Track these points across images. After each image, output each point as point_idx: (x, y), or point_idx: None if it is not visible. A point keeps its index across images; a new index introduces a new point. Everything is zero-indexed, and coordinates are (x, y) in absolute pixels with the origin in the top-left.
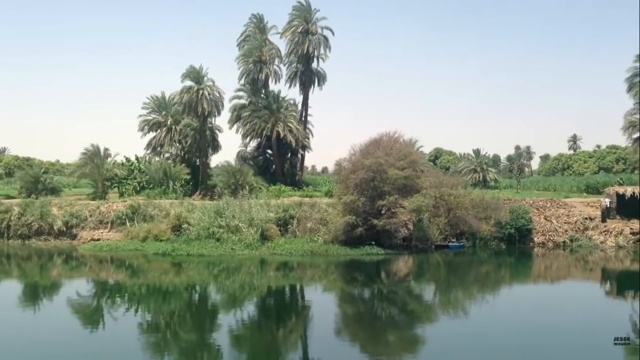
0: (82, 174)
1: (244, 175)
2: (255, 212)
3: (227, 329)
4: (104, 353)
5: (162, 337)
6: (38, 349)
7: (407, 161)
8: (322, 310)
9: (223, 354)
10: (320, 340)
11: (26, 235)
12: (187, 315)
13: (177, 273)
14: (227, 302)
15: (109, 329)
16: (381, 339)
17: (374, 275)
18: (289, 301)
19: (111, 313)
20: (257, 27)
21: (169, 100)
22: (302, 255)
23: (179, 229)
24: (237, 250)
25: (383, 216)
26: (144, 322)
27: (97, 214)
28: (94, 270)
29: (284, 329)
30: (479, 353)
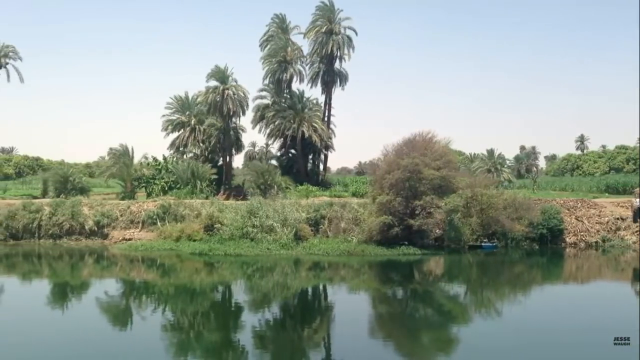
0: (111, 174)
1: (272, 175)
2: (288, 212)
3: (258, 328)
4: (129, 352)
5: (192, 336)
6: (65, 348)
7: (442, 161)
8: (358, 310)
9: (248, 352)
10: (354, 340)
11: (57, 235)
12: (219, 315)
13: (210, 273)
14: (259, 301)
15: (137, 328)
16: (415, 339)
17: (409, 275)
18: (327, 300)
19: (140, 312)
20: (280, 27)
21: (192, 100)
22: (339, 255)
23: (212, 229)
24: (273, 250)
25: (418, 216)
26: (174, 321)
27: (127, 214)
28: (125, 270)
29: (318, 328)
30: (512, 354)
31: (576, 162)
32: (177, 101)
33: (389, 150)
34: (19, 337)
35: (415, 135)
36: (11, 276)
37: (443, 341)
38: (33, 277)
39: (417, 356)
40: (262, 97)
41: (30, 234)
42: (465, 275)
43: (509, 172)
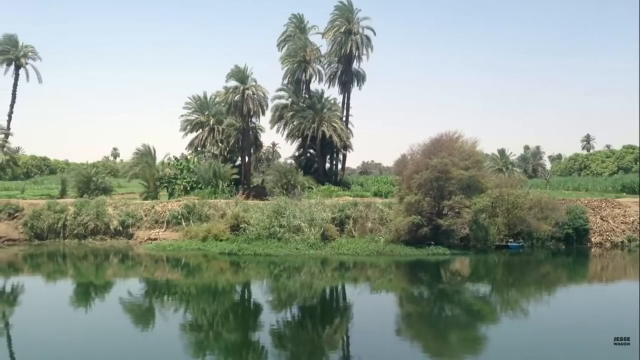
0: (134, 173)
1: (295, 175)
2: (315, 212)
3: (281, 327)
4: (151, 352)
5: (213, 336)
6: (88, 347)
7: (471, 161)
8: (386, 310)
9: (267, 352)
10: (380, 339)
11: (82, 235)
12: (243, 314)
13: (235, 273)
14: (285, 301)
15: (159, 328)
16: (444, 339)
17: (437, 275)
18: (354, 300)
19: (163, 312)
20: (298, 27)
21: (211, 100)
22: (369, 255)
23: (237, 229)
24: (302, 250)
25: (446, 216)
26: (197, 321)
27: (152, 214)
28: (149, 270)
29: (344, 328)
30: (540, 354)
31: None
32: (195, 101)
33: (414, 149)
34: (42, 337)
35: (441, 135)
36: (36, 276)
37: (471, 341)
38: (58, 277)
39: (445, 356)
40: (280, 97)
41: (55, 234)
42: (494, 275)
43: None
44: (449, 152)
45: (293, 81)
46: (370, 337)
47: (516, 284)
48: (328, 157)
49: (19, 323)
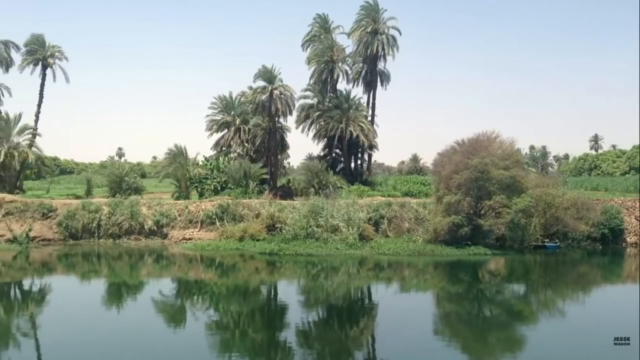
0: (167, 173)
1: (326, 175)
2: (352, 212)
3: (313, 327)
4: (182, 352)
5: (245, 336)
6: (119, 347)
7: (511, 161)
8: (427, 310)
9: (294, 352)
10: (417, 339)
11: (117, 235)
12: (277, 314)
13: (271, 272)
14: (320, 300)
15: (190, 327)
16: (481, 339)
17: (476, 275)
18: (393, 300)
19: (197, 312)
20: (322, 27)
21: (236, 101)
22: (410, 255)
23: (273, 229)
24: (341, 249)
25: (485, 216)
26: (230, 320)
27: (185, 214)
28: (183, 270)
29: (381, 327)
30: (579, 355)
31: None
32: (221, 101)
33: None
34: (75, 336)
35: (478, 135)
36: (71, 276)
37: (510, 341)
38: (92, 276)
39: (484, 356)
40: (305, 97)
41: (90, 234)
42: (535, 275)
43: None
44: (487, 152)
45: (320, 81)
46: (408, 337)
47: (557, 284)
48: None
49: (52, 322)
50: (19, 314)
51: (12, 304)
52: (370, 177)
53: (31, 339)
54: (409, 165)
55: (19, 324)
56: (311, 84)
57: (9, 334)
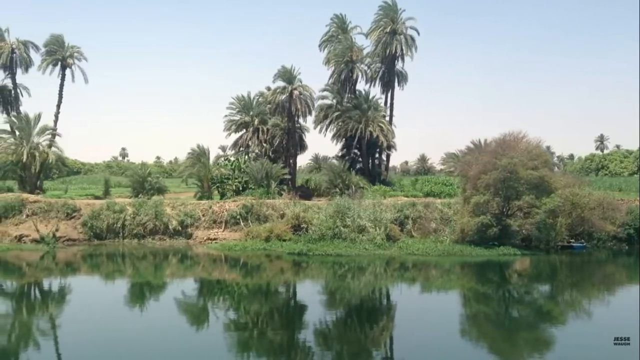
0: (191, 173)
1: (349, 176)
2: (381, 212)
3: (334, 328)
4: (203, 352)
5: (263, 335)
6: (140, 347)
7: (540, 161)
8: (455, 310)
9: (314, 352)
10: (445, 339)
11: (141, 235)
12: (301, 313)
13: (297, 273)
14: (347, 300)
15: (213, 327)
16: (509, 340)
17: (503, 275)
18: (421, 301)
19: (220, 312)
20: (340, 28)
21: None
22: (439, 255)
23: (299, 229)
24: (370, 250)
25: (512, 216)
26: (254, 320)
27: (209, 214)
28: (207, 270)
29: (408, 327)
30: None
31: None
32: (239, 101)
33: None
34: (98, 335)
35: (505, 135)
36: (96, 276)
37: (538, 342)
38: (117, 276)
39: (509, 357)
40: (323, 97)
41: (114, 234)
42: (562, 275)
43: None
44: (515, 152)
45: (339, 81)
46: (434, 337)
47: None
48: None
49: (76, 321)
50: (47, 313)
51: (41, 304)
52: (387, 177)
53: (60, 337)
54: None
55: (45, 323)
56: (329, 84)
57: (36, 332)
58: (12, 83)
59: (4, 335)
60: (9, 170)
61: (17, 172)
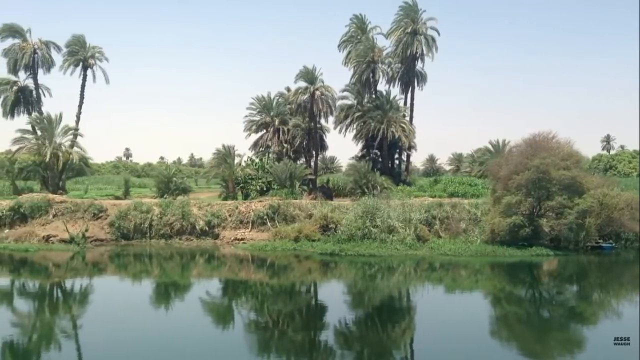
0: (217, 174)
1: (374, 176)
2: (413, 213)
3: (357, 328)
4: (225, 352)
5: (284, 335)
6: (165, 347)
7: (572, 161)
8: (485, 311)
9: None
10: (475, 340)
11: (168, 235)
12: (326, 313)
13: (324, 273)
14: (375, 301)
15: (236, 326)
16: (540, 340)
17: (534, 275)
18: (449, 301)
19: (245, 312)
20: (360, 28)
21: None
22: (471, 255)
23: (327, 229)
24: (401, 250)
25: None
26: (281, 319)
27: (236, 214)
28: (234, 270)
29: (436, 327)
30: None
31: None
32: (259, 102)
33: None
34: (123, 333)
35: (535, 135)
36: (123, 276)
37: (569, 342)
38: (144, 276)
39: (540, 357)
40: (343, 97)
41: (142, 234)
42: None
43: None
44: (547, 152)
45: (361, 82)
46: (467, 337)
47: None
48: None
49: (102, 321)
50: (81, 312)
51: (77, 303)
52: (408, 177)
53: (92, 336)
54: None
55: (74, 322)
56: (350, 84)
57: (64, 331)
58: (33, 83)
59: (40, 333)
60: (32, 171)
61: (39, 172)
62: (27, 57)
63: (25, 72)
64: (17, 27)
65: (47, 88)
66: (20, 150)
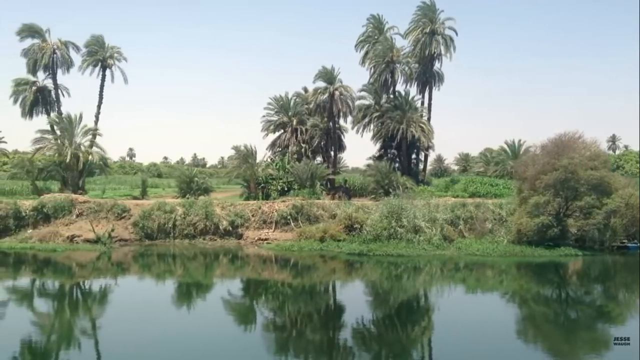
0: (238, 174)
1: (395, 176)
2: (438, 213)
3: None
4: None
5: (302, 335)
6: (184, 347)
7: (599, 161)
8: (511, 312)
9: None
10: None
11: (192, 235)
12: (345, 314)
13: (349, 273)
14: (400, 301)
15: (259, 326)
16: (568, 341)
17: (560, 275)
18: (477, 302)
19: (267, 312)
20: (377, 28)
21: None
22: (500, 255)
23: (352, 229)
24: (429, 250)
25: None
26: (300, 320)
27: (259, 214)
28: (257, 270)
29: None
30: None
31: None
32: (277, 102)
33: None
34: (144, 333)
35: (560, 135)
36: (146, 275)
37: (596, 342)
38: (167, 276)
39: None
40: (361, 97)
41: (165, 234)
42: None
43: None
44: (574, 152)
45: (379, 82)
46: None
47: None
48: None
49: (124, 321)
50: (102, 312)
51: (98, 303)
52: (426, 177)
53: (111, 335)
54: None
55: (94, 322)
56: (368, 84)
57: (86, 330)
58: (53, 83)
59: (62, 333)
60: (52, 171)
61: (60, 172)
62: (46, 57)
63: (44, 72)
64: (37, 27)
65: (66, 88)
66: (40, 150)
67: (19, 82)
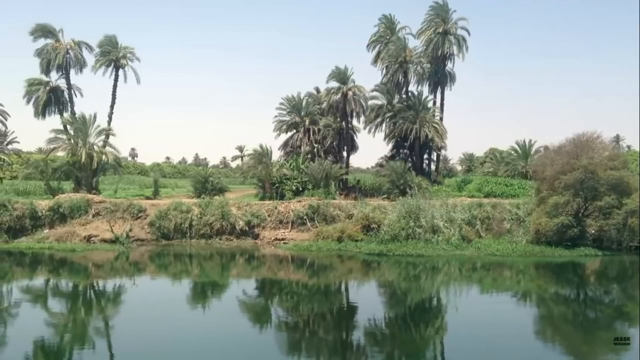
0: (254, 174)
1: (411, 176)
2: (456, 212)
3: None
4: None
5: (314, 335)
6: (198, 347)
7: (619, 161)
8: (529, 313)
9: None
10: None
11: (208, 235)
12: (358, 314)
13: (366, 273)
14: (416, 301)
15: (273, 326)
16: (585, 342)
17: (579, 275)
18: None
19: (282, 311)
20: (389, 28)
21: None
22: (520, 256)
23: (369, 229)
24: (448, 250)
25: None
26: (313, 320)
27: (275, 214)
28: (273, 270)
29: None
30: None
31: None
32: (289, 102)
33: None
34: (159, 333)
35: (579, 135)
36: (162, 275)
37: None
38: (184, 276)
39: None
40: (373, 97)
41: (182, 234)
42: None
43: None
44: (594, 152)
45: (392, 82)
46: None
47: None
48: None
49: (138, 320)
50: (118, 311)
51: (115, 302)
52: (438, 177)
53: (126, 335)
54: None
55: (112, 321)
56: (380, 84)
57: (103, 329)
58: (66, 83)
59: (77, 332)
60: (66, 171)
61: (73, 172)
62: (60, 57)
63: (58, 72)
64: (50, 27)
65: (79, 88)
66: (55, 150)
67: (32, 82)
